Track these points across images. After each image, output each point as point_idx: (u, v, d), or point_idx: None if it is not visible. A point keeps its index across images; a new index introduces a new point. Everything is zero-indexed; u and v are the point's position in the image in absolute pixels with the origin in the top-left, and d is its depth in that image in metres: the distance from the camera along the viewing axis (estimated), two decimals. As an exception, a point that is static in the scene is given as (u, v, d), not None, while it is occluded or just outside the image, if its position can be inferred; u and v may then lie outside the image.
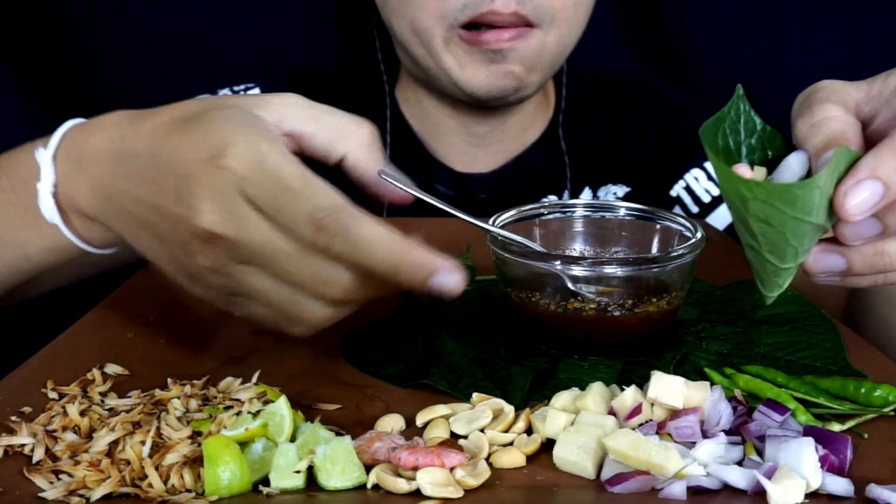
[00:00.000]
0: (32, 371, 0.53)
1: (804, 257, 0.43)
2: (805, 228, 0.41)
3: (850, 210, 0.40)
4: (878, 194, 0.40)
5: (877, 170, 0.40)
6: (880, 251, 0.42)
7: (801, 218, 0.40)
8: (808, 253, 0.43)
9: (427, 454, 0.42)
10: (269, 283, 0.48)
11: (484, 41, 0.83)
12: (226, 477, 0.41)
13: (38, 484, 0.42)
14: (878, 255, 0.43)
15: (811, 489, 0.41)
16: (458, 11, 0.83)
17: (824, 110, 0.45)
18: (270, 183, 0.46)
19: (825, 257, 0.44)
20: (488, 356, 0.55)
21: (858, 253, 0.43)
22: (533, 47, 0.85)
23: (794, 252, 0.42)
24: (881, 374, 0.53)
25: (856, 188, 0.40)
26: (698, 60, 1.17)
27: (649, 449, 0.42)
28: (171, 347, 0.58)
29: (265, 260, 0.47)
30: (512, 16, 0.82)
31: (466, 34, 0.84)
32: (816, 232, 0.42)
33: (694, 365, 0.54)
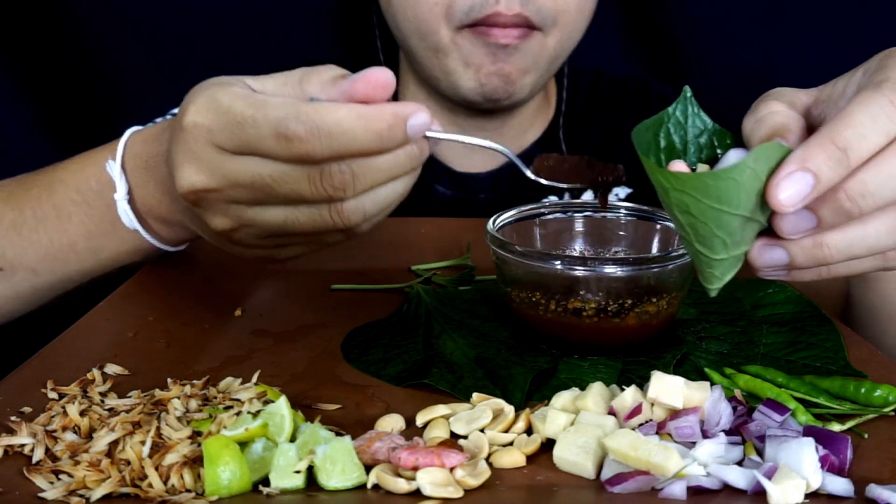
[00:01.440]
0: (32, 371, 0.53)
1: (739, 249, 0.44)
2: (730, 219, 0.42)
3: (782, 202, 0.40)
4: (809, 185, 0.40)
5: (806, 161, 0.40)
6: (819, 243, 0.43)
7: (720, 208, 0.41)
8: (744, 246, 0.44)
9: (427, 454, 0.42)
10: (285, 211, 0.49)
11: (493, 35, 0.84)
12: (226, 477, 0.41)
13: (38, 484, 0.42)
14: (818, 248, 0.43)
15: (811, 489, 0.41)
16: (463, 14, 0.83)
17: (768, 107, 0.46)
18: (229, 122, 0.47)
19: (767, 251, 0.44)
20: (488, 356, 0.55)
21: (798, 246, 0.43)
22: (532, 49, 0.86)
23: (722, 243, 0.43)
24: (881, 374, 0.53)
25: (786, 180, 0.40)
26: (699, 60, 1.17)
27: (649, 449, 0.42)
28: (171, 347, 0.58)
29: (264, 192, 0.48)
30: (515, 17, 0.82)
31: (473, 31, 0.84)
32: (750, 225, 0.43)
33: (694, 365, 0.54)
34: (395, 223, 0.88)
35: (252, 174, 0.47)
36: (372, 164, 0.47)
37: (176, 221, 0.63)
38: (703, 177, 0.41)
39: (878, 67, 0.44)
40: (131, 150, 0.63)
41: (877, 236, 0.43)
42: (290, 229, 0.50)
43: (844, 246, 0.43)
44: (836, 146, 0.40)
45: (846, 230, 0.42)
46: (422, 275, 0.73)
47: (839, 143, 0.40)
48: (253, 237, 0.52)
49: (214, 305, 0.66)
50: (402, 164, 0.49)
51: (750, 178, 0.40)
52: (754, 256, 0.44)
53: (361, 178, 0.47)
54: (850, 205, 0.41)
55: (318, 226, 0.49)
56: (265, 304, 0.67)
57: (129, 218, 0.64)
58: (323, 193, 0.47)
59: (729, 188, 0.40)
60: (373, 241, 0.81)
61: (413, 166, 0.50)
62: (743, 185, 0.40)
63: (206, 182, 0.49)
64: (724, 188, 0.40)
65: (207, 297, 0.67)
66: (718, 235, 0.43)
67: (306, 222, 0.49)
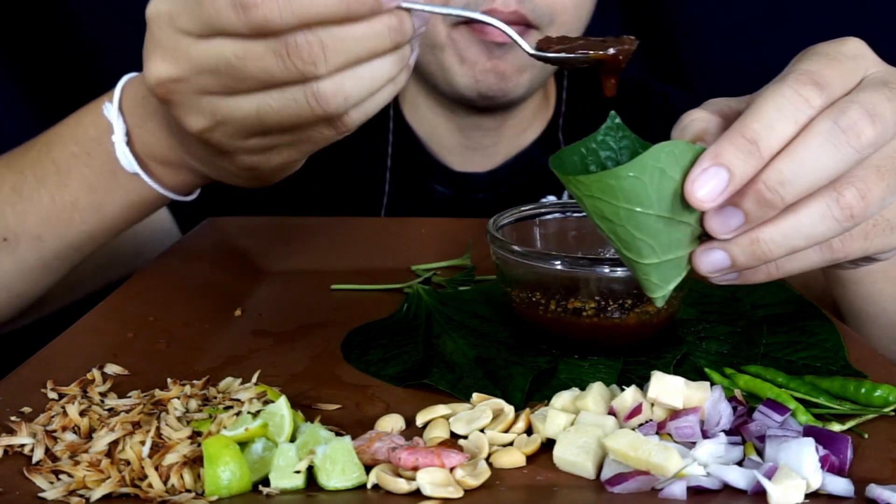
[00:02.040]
0: (32, 371, 0.53)
1: (672, 253, 0.43)
2: (646, 220, 0.41)
3: (700, 199, 0.40)
4: (724, 180, 0.40)
5: (719, 157, 0.40)
6: (756, 239, 0.42)
7: (631, 208, 0.41)
8: (679, 250, 0.43)
9: (427, 454, 0.42)
10: (256, 99, 0.47)
11: (488, 33, 0.84)
12: (226, 477, 0.41)
13: (38, 484, 0.42)
14: (756, 244, 0.42)
15: (811, 489, 0.41)
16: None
17: (690, 115, 0.46)
18: (188, 3, 0.46)
19: (707, 254, 0.43)
20: (488, 356, 0.55)
21: (736, 245, 0.43)
22: None
23: (648, 246, 0.43)
24: (881, 374, 0.53)
25: (701, 177, 0.40)
26: (698, 60, 1.17)
27: (649, 449, 0.42)
28: (171, 347, 0.58)
29: (231, 75, 0.46)
30: (512, 14, 0.82)
31: (470, 28, 0.84)
32: (678, 228, 0.42)
33: (694, 365, 0.54)
34: (394, 223, 0.88)
35: (217, 56, 0.45)
36: (344, 35, 0.44)
37: (176, 160, 0.61)
38: (603, 177, 0.41)
39: (791, 66, 0.45)
40: (129, 93, 0.62)
41: (811, 224, 0.42)
42: (266, 121, 0.47)
43: (781, 238, 0.42)
44: (745, 139, 0.40)
45: (779, 222, 0.42)
46: (422, 275, 0.73)
47: (748, 135, 0.40)
48: (232, 137, 0.50)
49: (214, 305, 0.66)
50: (380, 37, 0.46)
51: (656, 176, 0.40)
52: (696, 262, 0.44)
53: (333, 50, 0.44)
54: (770, 195, 0.41)
55: (296, 114, 0.47)
56: (265, 304, 0.67)
57: (129, 160, 0.61)
58: (292, 70, 0.45)
59: (633, 186, 0.40)
60: (373, 241, 0.81)
61: (395, 41, 0.46)
62: (648, 183, 0.40)
63: (173, 71, 0.48)
64: (629, 187, 0.40)
65: (207, 297, 0.67)
66: (640, 238, 0.42)
67: (282, 110, 0.46)
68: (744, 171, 0.40)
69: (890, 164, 0.43)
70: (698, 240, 0.44)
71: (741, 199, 0.41)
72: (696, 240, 0.44)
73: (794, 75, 0.42)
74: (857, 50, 0.45)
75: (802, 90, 0.41)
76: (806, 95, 0.41)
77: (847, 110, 0.41)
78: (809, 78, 0.42)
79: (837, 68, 0.43)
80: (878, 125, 0.41)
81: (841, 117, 0.41)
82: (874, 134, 0.41)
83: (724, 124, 0.45)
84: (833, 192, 0.42)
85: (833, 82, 0.42)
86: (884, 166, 0.43)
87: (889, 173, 0.43)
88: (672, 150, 0.41)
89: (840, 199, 0.42)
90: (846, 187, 0.42)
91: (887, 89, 0.43)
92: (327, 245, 0.80)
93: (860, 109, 0.41)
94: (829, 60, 0.43)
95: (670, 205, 0.41)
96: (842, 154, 0.41)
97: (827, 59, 0.43)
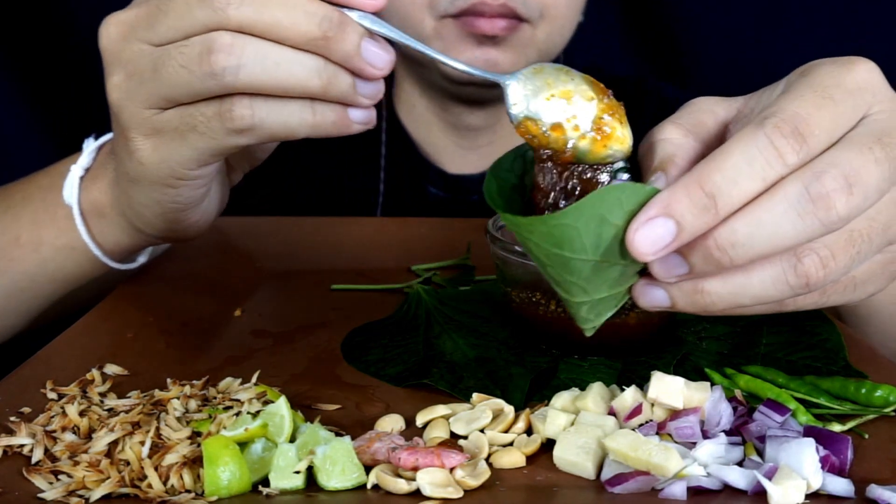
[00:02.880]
0: (32, 371, 0.53)
1: (606, 292, 0.41)
2: (577, 265, 0.39)
3: (640, 250, 0.37)
4: (671, 233, 0.37)
5: (670, 207, 0.37)
6: (700, 289, 0.39)
7: (561, 253, 0.39)
8: (614, 287, 0.41)
9: (427, 454, 0.42)
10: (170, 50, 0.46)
11: (477, 26, 0.83)
12: (225, 477, 0.41)
13: (37, 484, 0.42)
14: (699, 294, 0.40)
15: (812, 489, 0.41)
16: (448, 3, 0.83)
17: (662, 131, 0.43)
18: None
19: (648, 291, 0.41)
20: (488, 356, 0.55)
21: (679, 290, 0.40)
22: (520, 41, 0.85)
23: (578, 287, 0.41)
24: (881, 375, 0.53)
25: (646, 226, 0.37)
26: (698, 59, 1.17)
27: (649, 449, 0.42)
28: (171, 347, 0.58)
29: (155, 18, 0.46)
30: (500, 7, 0.81)
31: (457, 21, 0.84)
32: (611, 269, 0.40)
33: (694, 365, 0.54)
34: (394, 223, 0.88)
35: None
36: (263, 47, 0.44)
37: (110, 208, 0.60)
38: (537, 222, 0.39)
39: (786, 87, 0.41)
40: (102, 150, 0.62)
41: (762, 286, 0.39)
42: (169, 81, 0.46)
43: (727, 294, 0.39)
44: (703, 191, 0.36)
45: (728, 278, 0.39)
46: (422, 275, 0.73)
47: (707, 188, 0.36)
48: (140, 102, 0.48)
49: (214, 305, 0.66)
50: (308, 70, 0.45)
51: (594, 224, 0.38)
52: (636, 295, 0.42)
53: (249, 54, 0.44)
54: (719, 254, 0.37)
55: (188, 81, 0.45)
56: (265, 304, 0.67)
57: (71, 191, 0.61)
58: None
59: (567, 234, 0.38)
60: (373, 241, 0.81)
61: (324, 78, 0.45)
62: (584, 231, 0.38)
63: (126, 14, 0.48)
64: (560, 234, 0.38)
65: (207, 297, 0.67)
66: (570, 280, 0.40)
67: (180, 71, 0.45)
68: (694, 227, 0.37)
69: (867, 227, 0.39)
70: (638, 274, 0.41)
71: (688, 251, 0.38)
72: (635, 275, 0.41)
73: (775, 119, 0.37)
74: (863, 81, 0.40)
75: (778, 142, 0.37)
76: (781, 149, 0.37)
77: (822, 176, 0.36)
78: (791, 126, 0.37)
79: (830, 111, 0.38)
80: (855, 196, 0.37)
81: (813, 183, 0.36)
82: (848, 208, 0.37)
83: (696, 151, 0.42)
84: (792, 257, 0.38)
85: (819, 130, 0.37)
86: (858, 230, 0.39)
87: (861, 239, 0.39)
88: (618, 196, 0.38)
89: (798, 267, 0.38)
90: (807, 254, 0.38)
91: (879, 147, 0.38)
92: (327, 245, 0.80)
93: (838, 177, 0.36)
94: (822, 100, 0.38)
95: (608, 250, 0.39)
96: (806, 225, 0.37)
97: (822, 96, 0.38)
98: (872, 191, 0.37)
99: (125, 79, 0.49)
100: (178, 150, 0.49)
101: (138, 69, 0.48)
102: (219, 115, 0.46)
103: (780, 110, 0.38)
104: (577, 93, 0.45)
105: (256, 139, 0.47)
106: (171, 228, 0.58)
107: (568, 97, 0.45)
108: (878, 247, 0.40)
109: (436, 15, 0.84)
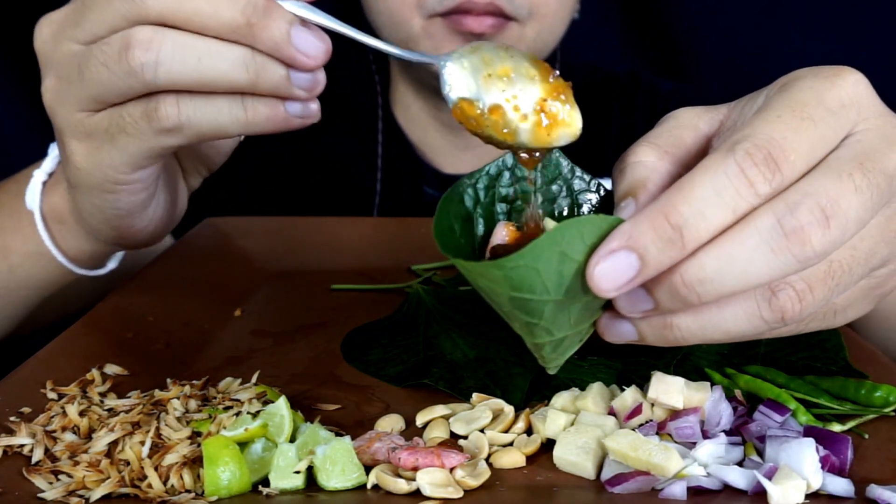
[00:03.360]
0: (32, 371, 0.53)
1: (569, 331, 0.39)
2: (539, 306, 0.37)
3: (601, 286, 0.34)
4: (634, 269, 0.34)
5: (633, 240, 0.34)
6: (669, 324, 0.37)
7: (521, 297, 0.36)
8: (574, 327, 0.39)
9: (427, 454, 0.42)
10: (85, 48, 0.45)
11: (465, 25, 0.82)
12: (225, 477, 0.41)
13: (37, 484, 0.42)
14: (668, 329, 0.38)
15: (812, 490, 0.41)
16: (436, 1, 0.82)
17: (637, 153, 0.40)
18: None
19: (614, 325, 0.39)
20: (488, 356, 0.55)
21: (647, 324, 0.38)
22: (509, 39, 0.85)
23: (542, 329, 0.38)
24: (881, 375, 0.53)
25: (607, 260, 0.34)
26: (697, 57, 1.17)
27: (649, 449, 0.42)
28: (171, 347, 0.58)
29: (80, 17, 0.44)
30: (488, 6, 0.81)
31: (445, 20, 0.83)
32: (576, 305, 0.38)
33: (694, 365, 0.54)
34: (394, 223, 0.88)
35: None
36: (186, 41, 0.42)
37: (68, 214, 0.59)
38: (492, 266, 0.36)
39: (764, 103, 0.38)
40: None
41: (734, 322, 0.37)
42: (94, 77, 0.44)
43: (698, 329, 0.37)
44: (668, 223, 0.34)
45: (698, 313, 0.37)
46: (422, 275, 0.72)
47: (673, 219, 0.34)
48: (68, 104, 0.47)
49: (214, 305, 0.66)
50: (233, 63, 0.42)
51: (555, 261, 0.35)
52: (601, 330, 0.40)
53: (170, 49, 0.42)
54: (685, 291, 0.35)
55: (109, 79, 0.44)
56: (265, 304, 0.67)
57: (34, 196, 0.60)
58: None
59: (526, 276, 0.35)
60: (373, 241, 0.81)
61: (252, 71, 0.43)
62: (544, 271, 0.35)
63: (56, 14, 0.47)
64: (518, 277, 0.35)
65: (207, 297, 0.67)
66: (532, 322, 0.38)
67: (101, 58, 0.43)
68: (659, 262, 0.34)
69: (847, 258, 0.37)
70: (601, 309, 0.39)
71: (653, 286, 0.36)
72: (599, 309, 0.40)
73: (747, 144, 0.34)
74: (848, 97, 0.37)
75: (750, 171, 0.34)
76: (752, 178, 0.34)
77: (797, 208, 0.34)
78: (765, 152, 0.34)
79: (809, 133, 0.35)
80: (833, 230, 0.34)
81: (787, 217, 0.34)
82: (824, 243, 0.34)
83: (672, 174, 0.39)
84: (766, 291, 0.36)
85: (795, 157, 0.35)
86: (838, 261, 0.36)
87: (842, 271, 0.36)
88: (578, 230, 0.35)
89: (773, 301, 0.36)
90: (783, 288, 0.36)
91: (860, 173, 0.35)
92: (327, 245, 0.80)
93: (814, 208, 0.34)
94: (800, 121, 0.35)
95: (570, 287, 0.36)
96: (780, 261, 0.34)
97: (801, 117, 0.36)
98: (852, 222, 0.35)
99: (56, 81, 0.48)
100: (110, 153, 0.48)
101: (67, 70, 0.46)
102: (146, 114, 0.45)
103: (752, 134, 0.35)
104: (517, 71, 0.42)
105: (186, 139, 0.46)
106: (120, 235, 0.56)
107: (507, 75, 0.42)
108: (859, 276, 0.38)
109: (424, 14, 0.84)
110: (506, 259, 0.35)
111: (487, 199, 0.45)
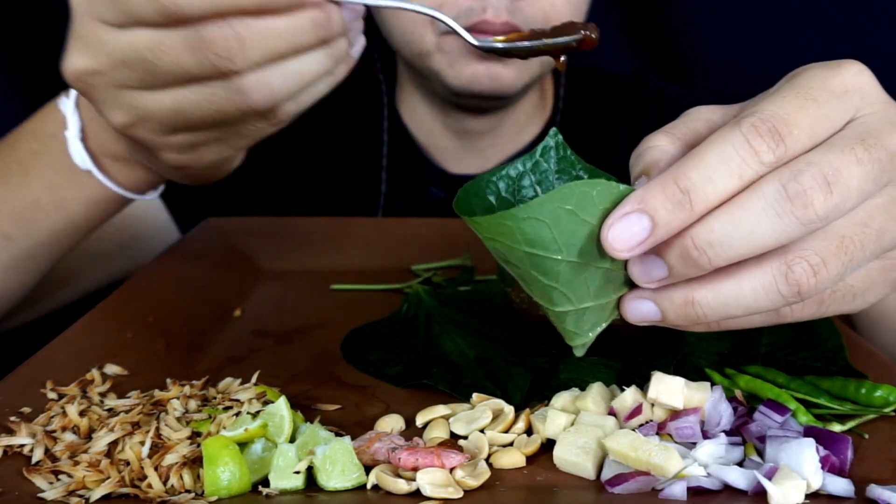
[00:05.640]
0: (32, 371, 0.53)
1: (592, 301, 0.40)
2: (553, 265, 0.38)
3: (612, 245, 0.36)
4: (645, 229, 0.36)
5: (644, 202, 0.36)
6: (691, 300, 0.38)
7: (534, 252, 0.37)
8: (600, 297, 0.40)
9: (427, 455, 0.42)
10: (174, 94, 0.45)
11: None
12: (225, 477, 0.41)
13: (37, 484, 0.42)
14: (689, 305, 0.39)
15: (812, 490, 0.41)
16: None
17: (651, 140, 0.42)
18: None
19: (637, 304, 0.40)
20: (488, 356, 0.55)
21: (669, 301, 0.39)
22: None
23: (560, 294, 0.39)
24: (881, 375, 0.53)
25: (620, 221, 0.36)
26: (700, 60, 1.17)
27: (649, 449, 0.42)
28: (171, 347, 0.58)
29: (146, 69, 0.44)
30: (503, 25, 0.81)
31: (460, 37, 0.83)
32: (595, 274, 0.39)
33: (694, 365, 0.54)
34: (394, 223, 0.88)
35: (131, 48, 0.43)
36: (263, 28, 0.42)
37: (129, 156, 0.59)
38: (499, 218, 0.37)
39: (774, 90, 0.40)
40: None
41: (754, 295, 0.38)
42: (187, 116, 0.45)
43: (719, 305, 0.38)
44: (677, 187, 0.36)
45: (718, 286, 0.38)
46: (422, 275, 0.73)
47: (682, 184, 0.36)
48: (155, 133, 0.48)
49: (214, 305, 0.66)
50: (304, 31, 0.43)
51: (563, 219, 0.37)
52: (623, 309, 0.41)
53: (251, 43, 0.42)
54: (696, 254, 0.36)
55: (219, 109, 0.44)
56: (265, 304, 0.67)
57: (82, 156, 0.60)
58: (207, 64, 0.42)
59: (535, 229, 0.37)
60: (372, 242, 0.81)
61: (320, 36, 0.44)
62: (552, 226, 0.37)
63: (89, 63, 0.46)
64: (529, 230, 0.37)
65: (207, 297, 0.67)
66: (548, 284, 0.39)
67: (203, 104, 0.44)
68: (669, 224, 0.36)
69: (859, 234, 0.38)
70: (627, 285, 0.40)
71: (665, 251, 0.37)
72: (622, 286, 0.40)
73: (753, 118, 0.37)
74: (851, 84, 0.39)
75: (755, 140, 0.36)
76: (757, 147, 0.36)
77: (800, 174, 0.36)
78: (770, 125, 0.36)
79: (812, 112, 0.37)
80: (835, 196, 0.36)
81: (791, 182, 0.36)
82: (826, 207, 0.36)
83: (683, 154, 0.40)
84: (782, 265, 0.37)
85: (798, 131, 0.37)
86: (850, 236, 0.38)
87: (854, 245, 0.38)
88: (587, 191, 0.37)
89: (788, 275, 0.37)
90: (797, 262, 0.37)
91: (862, 147, 0.37)
92: (327, 245, 0.80)
93: (816, 175, 0.36)
94: (804, 101, 0.38)
95: (584, 250, 0.38)
96: (784, 225, 0.36)
97: (805, 97, 0.38)
98: (853, 190, 0.36)
99: (137, 121, 0.48)
100: (219, 151, 0.50)
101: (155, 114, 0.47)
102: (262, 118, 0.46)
103: (759, 110, 0.37)
104: None
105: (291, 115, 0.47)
106: (190, 176, 0.57)
107: None
108: (872, 254, 0.39)
109: (438, 31, 0.84)
110: (516, 209, 0.37)
111: (508, 195, 0.46)
